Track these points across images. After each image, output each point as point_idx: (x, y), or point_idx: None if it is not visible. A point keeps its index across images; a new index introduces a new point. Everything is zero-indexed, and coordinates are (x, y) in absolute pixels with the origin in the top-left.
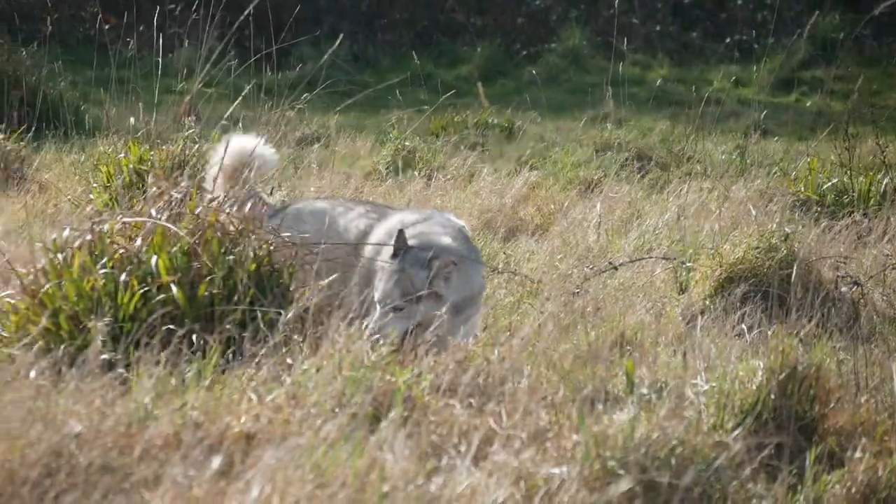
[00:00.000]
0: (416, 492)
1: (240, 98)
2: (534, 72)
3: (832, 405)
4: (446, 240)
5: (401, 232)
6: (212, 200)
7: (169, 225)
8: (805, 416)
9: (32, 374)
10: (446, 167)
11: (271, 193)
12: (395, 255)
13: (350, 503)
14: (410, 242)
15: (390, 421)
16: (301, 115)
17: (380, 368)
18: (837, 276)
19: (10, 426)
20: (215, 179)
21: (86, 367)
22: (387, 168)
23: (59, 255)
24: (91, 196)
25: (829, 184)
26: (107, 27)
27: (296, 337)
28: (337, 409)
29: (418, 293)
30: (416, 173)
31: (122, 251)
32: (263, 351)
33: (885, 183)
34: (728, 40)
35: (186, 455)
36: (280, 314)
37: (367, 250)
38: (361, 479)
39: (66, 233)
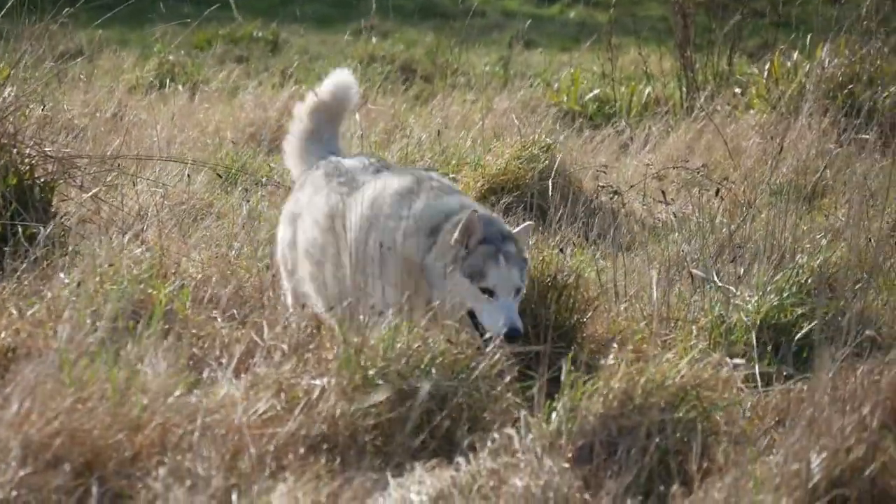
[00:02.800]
0: (176, 403)
1: (2, 11)
2: None
3: (591, 313)
4: (478, 206)
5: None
6: None
7: None
8: (564, 324)
9: None
10: (210, 81)
11: None
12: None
13: (110, 416)
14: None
15: (151, 333)
16: (64, 29)
17: (141, 281)
18: (598, 186)
19: None
20: (311, 113)
21: None
22: (151, 82)
23: None
24: None
25: (592, 94)
26: None
27: (57, 251)
28: (98, 323)
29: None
30: (179, 87)
31: None
32: (24, 266)
33: (646, 93)
34: None
35: None
36: (40, 229)
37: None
38: (122, 391)
39: None
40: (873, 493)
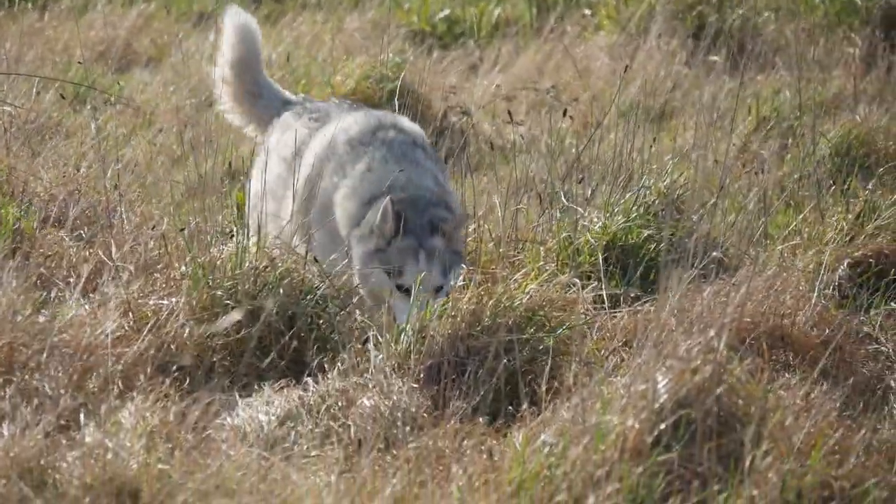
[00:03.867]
0: (23, 323)
1: None
2: None
3: None
4: (427, 183)
5: (397, 214)
6: None
7: None
8: None
9: None
10: None
11: None
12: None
13: None
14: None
15: None
16: None
17: None
18: (448, 107)
19: None
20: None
21: None
22: None
23: None
24: None
25: (442, 15)
26: None
27: None
28: None
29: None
30: (28, 4)
31: None
32: None
33: (496, 14)
34: None
35: None
36: None
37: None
38: None
39: None
40: (719, 413)
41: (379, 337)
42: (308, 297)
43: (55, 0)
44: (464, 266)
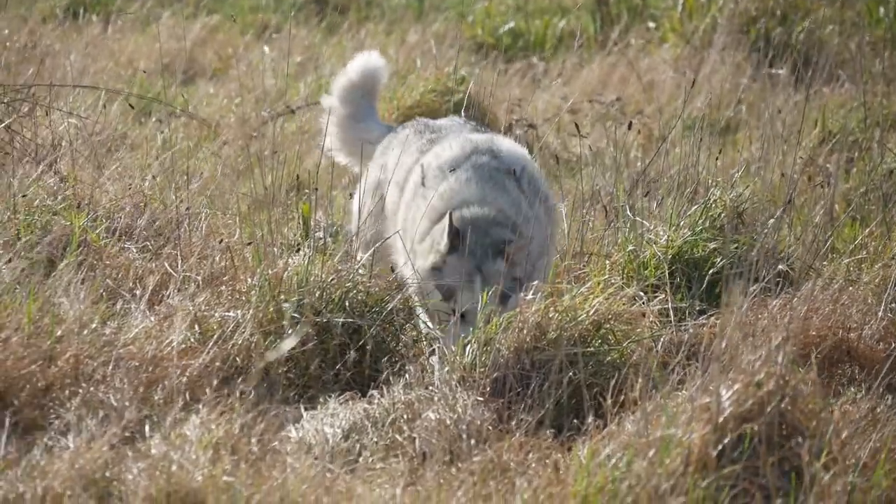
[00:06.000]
0: (90, 335)
1: None
2: None
3: None
4: (502, 203)
5: (455, 230)
6: None
7: None
8: None
9: None
10: (124, 10)
11: None
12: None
13: (24, 347)
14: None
15: (66, 265)
16: None
17: (55, 212)
18: (513, 120)
19: None
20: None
21: None
22: (64, 11)
23: None
24: None
25: (506, 27)
26: None
27: None
28: (12, 254)
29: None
30: (93, 17)
31: None
32: None
33: (560, 27)
34: None
35: None
36: None
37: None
38: (36, 322)
39: None
40: (781, 426)
41: (444, 350)
42: (374, 309)
43: (120, 12)
44: (523, 294)
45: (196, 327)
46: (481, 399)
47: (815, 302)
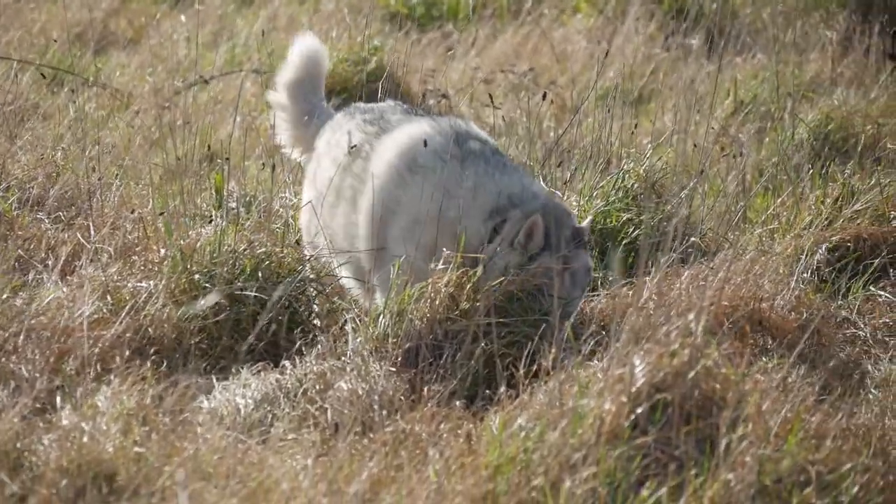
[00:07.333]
0: (1, 306)
1: None
2: None
3: None
4: (538, 190)
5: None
6: None
7: None
8: None
9: None
10: None
11: None
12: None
13: None
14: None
15: None
16: None
17: None
18: (426, 90)
19: None
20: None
21: None
22: None
23: None
24: None
25: None
26: None
27: None
28: None
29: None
30: None
31: None
32: None
33: None
34: None
35: None
36: None
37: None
38: None
39: None
40: (695, 397)
41: (357, 320)
42: (286, 279)
43: None
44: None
45: (108, 298)
46: (394, 370)
47: (728, 272)
